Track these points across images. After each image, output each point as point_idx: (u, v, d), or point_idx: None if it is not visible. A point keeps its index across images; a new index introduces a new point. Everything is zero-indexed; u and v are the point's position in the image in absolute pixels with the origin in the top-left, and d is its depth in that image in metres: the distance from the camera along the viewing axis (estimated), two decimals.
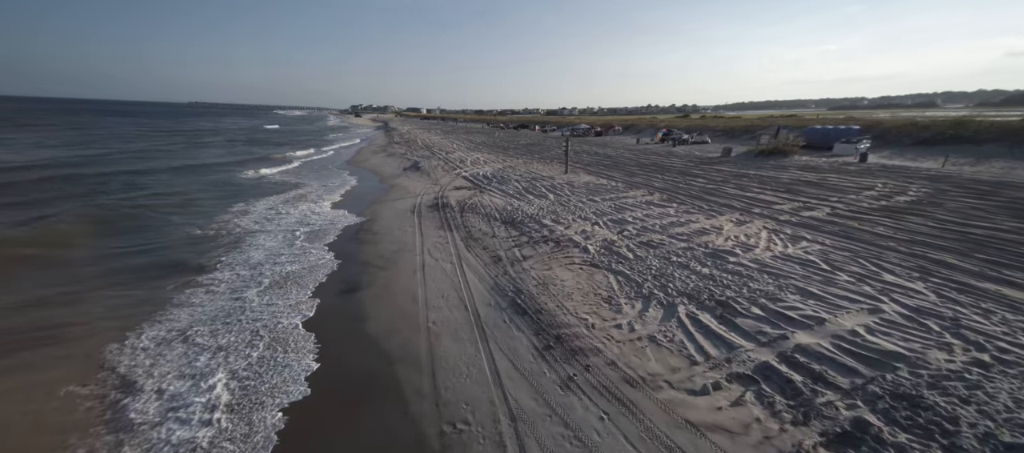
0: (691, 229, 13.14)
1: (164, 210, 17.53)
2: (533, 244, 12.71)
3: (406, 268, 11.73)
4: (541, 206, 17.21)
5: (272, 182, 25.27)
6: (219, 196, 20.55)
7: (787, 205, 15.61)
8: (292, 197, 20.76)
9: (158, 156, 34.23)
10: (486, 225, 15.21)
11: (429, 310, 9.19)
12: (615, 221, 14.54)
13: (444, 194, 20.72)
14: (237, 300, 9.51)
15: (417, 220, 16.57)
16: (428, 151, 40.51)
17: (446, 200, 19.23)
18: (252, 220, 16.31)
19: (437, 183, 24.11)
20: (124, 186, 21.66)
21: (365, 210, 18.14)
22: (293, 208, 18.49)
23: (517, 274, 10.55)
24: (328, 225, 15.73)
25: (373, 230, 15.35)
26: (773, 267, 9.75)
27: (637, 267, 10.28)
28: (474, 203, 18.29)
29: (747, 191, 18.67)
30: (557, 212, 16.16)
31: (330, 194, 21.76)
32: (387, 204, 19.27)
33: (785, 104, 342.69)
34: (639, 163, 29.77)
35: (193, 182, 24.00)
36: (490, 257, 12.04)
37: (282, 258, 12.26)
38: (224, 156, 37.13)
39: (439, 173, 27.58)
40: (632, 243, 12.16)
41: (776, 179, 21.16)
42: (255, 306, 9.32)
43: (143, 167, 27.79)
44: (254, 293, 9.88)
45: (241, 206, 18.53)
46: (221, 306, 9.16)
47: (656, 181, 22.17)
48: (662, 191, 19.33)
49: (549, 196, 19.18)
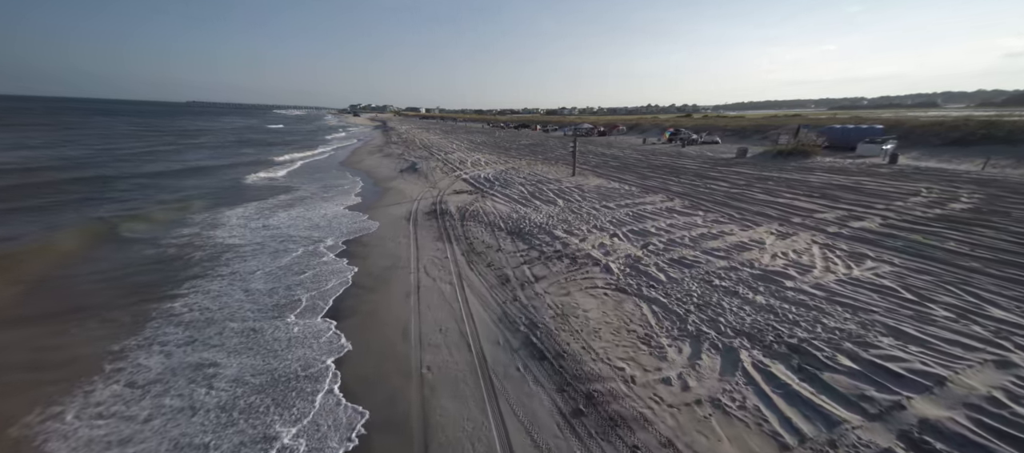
0: (727, 243, 11.39)
1: (136, 220, 15.76)
2: (545, 261, 10.96)
3: (398, 289, 9.98)
4: (550, 214, 15.46)
5: (257, 186, 23.49)
6: (200, 201, 18.76)
7: (829, 214, 13.88)
8: (275, 204, 18.98)
9: (146, 159, 32.46)
10: (490, 236, 13.47)
11: (423, 349, 7.44)
12: (636, 232, 12.79)
13: (443, 199, 18.97)
14: (192, 348, 7.75)
15: (412, 229, 14.82)
16: (426, 152, 38.75)
17: (445, 206, 17.48)
18: (228, 232, 14.53)
19: (435, 187, 22.36)
20: (93, 192, 19.87)
21: (355, 217, 16.38)
22: (275, 217, 16.71)
23: (529, 300, 8.80)
24: (312, 236, 13.96)
25: (363, 241, 13.59)
26: (844, 296, 8.00)
27: (674, 293, 8.54)
28: (476, 210, 16.54)
29: (777, 196, 16.93)
30: (569, 221, 14.42)
31: (319, 199, 19.99)
32: (380, 210, 17.51)
33: (785, 104, 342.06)
34: (650, 164, 28.03)
35: (178, 186, 22.23)
36: (496, 277, 10.29)
37: (256, 277, 10.49)
38: (210, 159, 35.38)
39: (438, 175, 25.82)
40: (661, 260, 10.41)
41: (805, 182, 19.42)
42: (214, 343, 7.57)
43: (131, 171, 26.02)
44: (212, 336, 8.12)
45: (211, 217, 16.74)
46: (169, 366, 7.37)
47: (673, 184, 20.42)
48: (682, 196, 17.59)
49: (558, 202, 17.43)
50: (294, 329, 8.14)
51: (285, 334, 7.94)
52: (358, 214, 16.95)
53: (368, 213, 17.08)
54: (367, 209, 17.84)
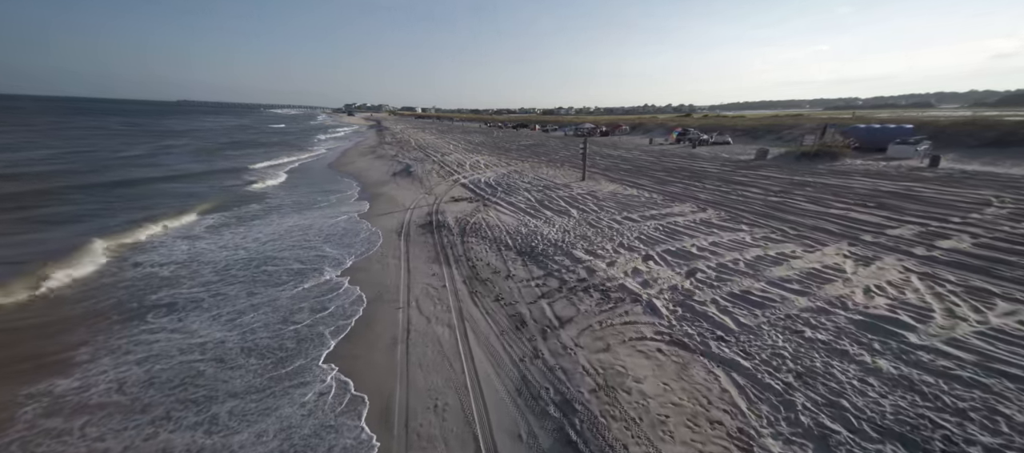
0: (796, 270, 9.13)
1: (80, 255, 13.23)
2: (569, 293, 8.65)
3: (381, 336, 7.63)
4: (565, 228, 13.16)
5: (234, 193, 20.96)
6: (164, 209, 16.21)
7: (902, 230, 11.67)
8: (244, 216, 16.51)
9: (118, 165, 29.83)
10: (496, 257, 11.14)
11: (409, 448, 5.11)
12: (675, 253, 10.51)
13: (439, 208, 16.61)
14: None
15: (404, 246, 12.46)
16: (422, 152, 36.32)
17: (442, 217, 15.12)
18: (181, 252, 12.08)
19: (431, 192, 19.99)
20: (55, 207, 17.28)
21: (337, 231, 13.97)
22: (238, 233, 14.26)
23: (557, 358, 6.48)
24: (280, 257, 11.54)
25: (342, 263, 11.21)
26: (1012, 363, 5.74)
27: (756, 350, 6.26)
28: (478, 222, 14.20)
29: (826, 205, 14.73)
30: (589, 236, 12.12)
31: (297, 208, 17.54)
32: (367, 221, 15.11)
33: (780, 104, 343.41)
34: (664, 167, 25.81)
35: (145, 198, 19.73)
36: (508, 317, 7.97)
37: (198, 321, 8.07)
38: (187, 163, 32.84)
39: (434, 179, 23.45)
40: (719, 295, 8.13)
41: (848, 188, 17.26)
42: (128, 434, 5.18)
43: (99, 180, 23.45)
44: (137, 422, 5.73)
45: (164, 234, 14.25)
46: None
47: (698, 191, 18.19)
48: (715, 206, 15.34)
49: (571, 212, 15.13)
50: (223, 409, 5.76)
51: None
52: (340, 228, 14.56)
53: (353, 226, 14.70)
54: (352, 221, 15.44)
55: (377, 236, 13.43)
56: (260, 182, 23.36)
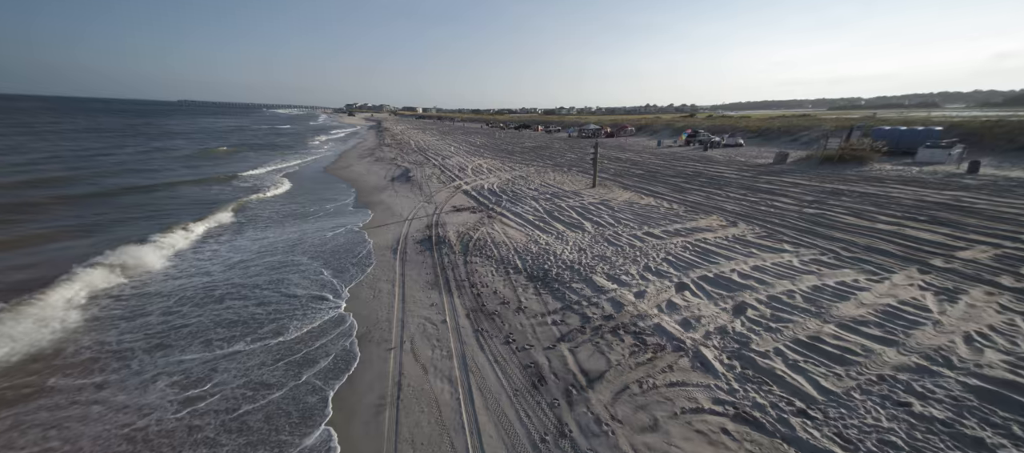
0: (867, 305, 7.61)
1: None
2: (595, 336, 7.15)
3: (365, 395, 6.15)
4: (580, 245, 11.65)
5: (223, 202, 19.50)
6: (123, 226, 14.76)
7: (974, 252, 10.13)
8: (221, 230, 15.04)
9: (97, 171, 28.42)
10: (504, 282, 9.65)
11: None
12: (714, 281, 8.99)
13: (440, 219, 15.12)
14: None
15: (399, 267, 10.97)
16: (421, 155, 34.84)
17: (442, 230, 13.63)
18: (119, 284, 10.61)
19: (431, 200, 18.51)
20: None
21: (326, 249, 12.48)
22: (209, 251, 12.79)
23: (590, 440, 4.99)
24: (254, 283, 10.04)
25: (326, 290, 9.71)
26: None
27: (853, 433, 4.75)
28: (482, 238, 12.71)
29: (871, 218, 13.18)
30: (609, 257, 10.61)
31: (283, 220, 16.05)
32: (360, 235, 13.62)
33: (783, 104, 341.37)
34: (679, 172, 24.29)
35: (113, 210, 18.30)
36: (522, 369, 6.48)
37: (147, 365, 6.58)
38: (179, 169, 31.44)
39: (434, 185, 21.96)
40: (780, 341, 6.62)
41: (888, 198, 15.69)
42: None
43: (75, 192, 22.01)
44: None
45: (129, 251, 12.76)
46: None
47: (721, 200, 16.67)
48: (746, 219, 13.81)
49: (585, 226, 13.63)
50: None
51: None
52: (328, 244, 13.07)
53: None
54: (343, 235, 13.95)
55: (369, 255, 11.94)
56: (251, 192, 21.89)
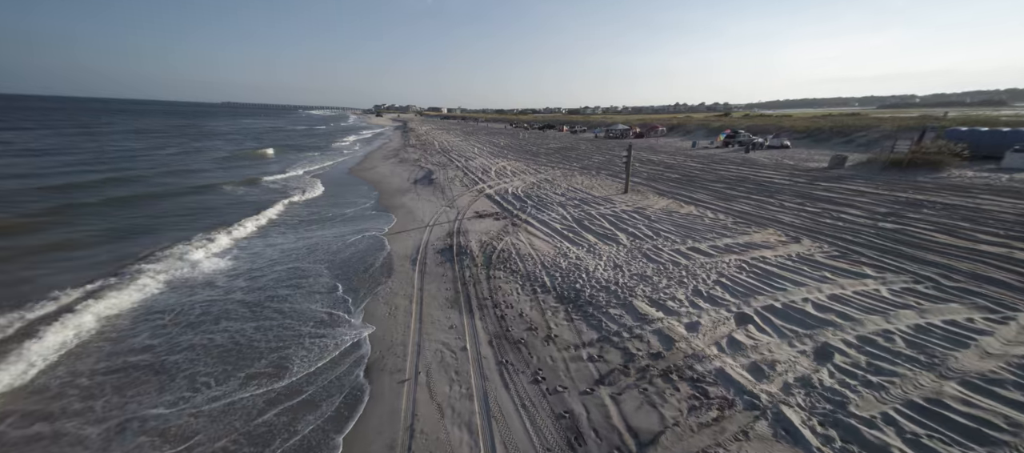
0: (996, 355, 6.09)
1: None
2: (641, 380, 6.04)
3: (373, 441, 5.32)
4: (616, 260, 10.49)
5: (233, 204, 19.53)
6: (125, 225, 14.81)
7: None
8: (236, 239, 14.80)
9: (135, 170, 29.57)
10: (531, 303, 8.67)
11: None
12: (783, 313, 7.62)
13: (462, 226, 14.32)
14: None
15: (417, 280, 10.21)
16: (445, 157, 34.38)
17: (464, 238, 12.80)
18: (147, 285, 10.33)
19: (453, 205, 17.78)
20: None
21: (342, 257, 11.91)
22: (222, 261, 12.47)
23: None
24: (258, 300, 9.53)
25: (340, 308, 9.06)
26: None
27: None
28: (506, 249, 11.77)
29: (968, 237, 11.22)
30: (650, 277, 9.40)
31: (303, 224, 15.72)
32: (379, 242, 13.01)
33: (826, 102, 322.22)
34: (720, 177, 22.47)
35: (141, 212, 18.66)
36: (555, 420, 5.47)
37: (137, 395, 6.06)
38: (211, 169, 32.32)
39: (456, 188, 21.26)
40: (890, 403, 5.26)
41: (980, 211, 13.50)
42: None
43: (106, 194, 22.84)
44: None
45: (114, 253, 12.62)
46: None
47: (775, 210, 14.97)
48: (811, 234, 12.17)
49: (620, 237, 12.42)
50: None
51: None
52: (346, 251, 12.51)
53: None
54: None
55: (388, 265, 11.25)
56: (277, 196, 21.94)
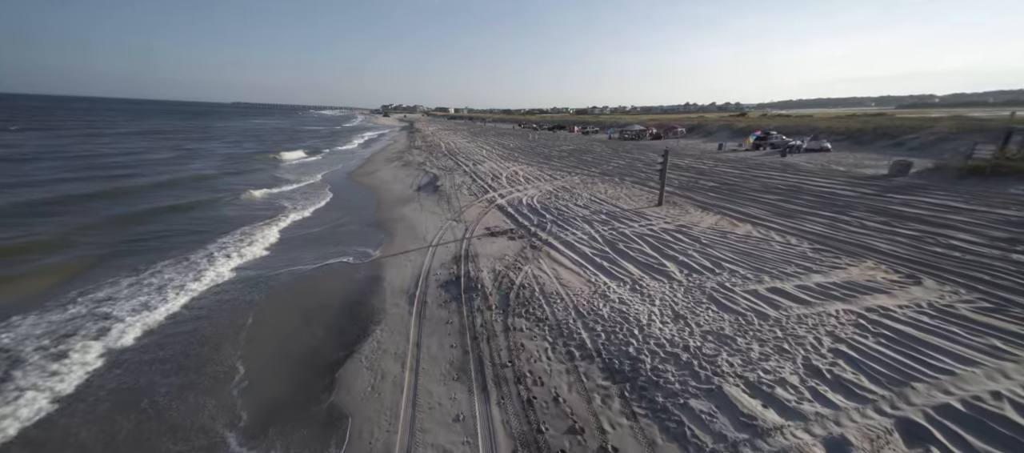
0: None
1: None
2: None
3: None
4: (673, 306, 7.96)
5: (216, 219, 17.33)
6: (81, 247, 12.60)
7: None
8: (195, 263, 12.51)
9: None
10: (568, 378, 6.19)
11: None
12: (976, 425, 5.04)
13: (471, 247, 11.88)
14: None
15: (413, 330, 7.79)
16: (452, 160, 32.02)
17: (474, 265, 10.35)
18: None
19: (460, 218, 15.38)
20: None
21: (319, 292, 9.53)
22: (176, 299, 10.15)
23: None
24: (192, 361, 7.18)
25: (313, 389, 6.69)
26: None
27: None
28: (527, 283, 9.29)
29: None
30: (729, 337, 6.86)
31: (287, 247, 13.37)
32: (372, 269, 10.62)
33: (841, 102, 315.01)
34: (766, 185, 19.74)
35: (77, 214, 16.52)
36: None
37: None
38: (208, 171, 30.38)
39: (464, 198, 18.87)
40: None
41: None
42: None
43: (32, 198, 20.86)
44: None
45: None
46: None
47: (854, 230, 12.29)
48: (928, 271, 9.49)
49: (669, 268, 9.87)
50: None
51: None
52: (328, 280, 10.13)
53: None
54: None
55: (380, 307, 8.86)
56: (261, 212, 19.75)
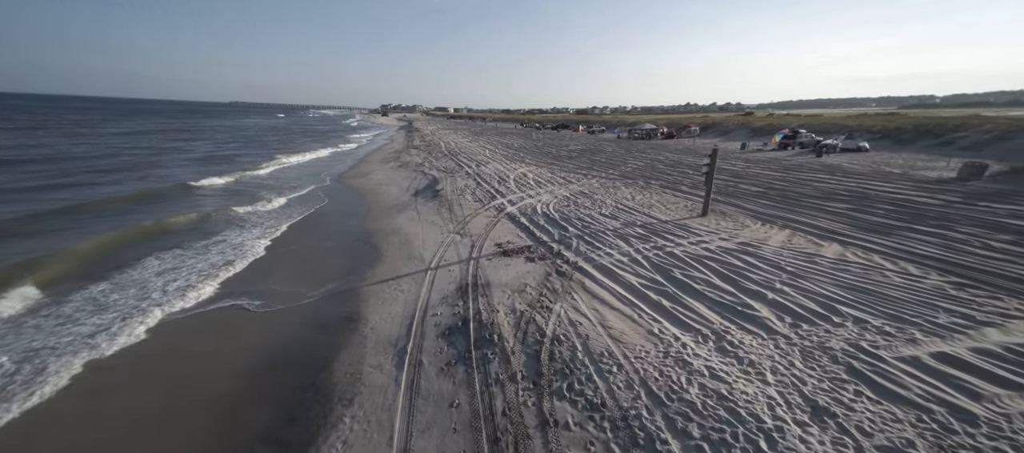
0: None
1: None
2: None
3: None
4: (801, 390, 5.24)
5: (169, 231, 14.53)
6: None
7: None
8: (141, 294, 9.74)
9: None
10: None
11: None
12: None
13: (480, 272, 9.14)
14: None
15: (401, 415, 5.02)
16: (452, 160, 29.31)
17: (486, 301, 7.60)
18: None
19: (465, 230, 12.68)
20: None
21: (280, 335, 6.82)
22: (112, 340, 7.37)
23: None
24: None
25: None
26: None
27: None
28: (563, 337, 6.54)
29: None
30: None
31: (254, 276, 10.59)
32: (353, 302, 7.88)
33: (842, 102, 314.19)
34: (821, 191, 17.08)
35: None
36: None
37: None
38: (185, 172, 27.62)
39: (468, 204, 16.18)
40: None
41: None
42: None
43: None
44: None
45: None
46: None
47: (985, 255, 9.64)
48: None
49: (762, 315, 7.16)
50: None
51: None
52: (291, 322, 7.38)
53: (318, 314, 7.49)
54: (323, 297, 8.22)
55: (355, 370, 6.14)
56: (239, 220, 16.96)
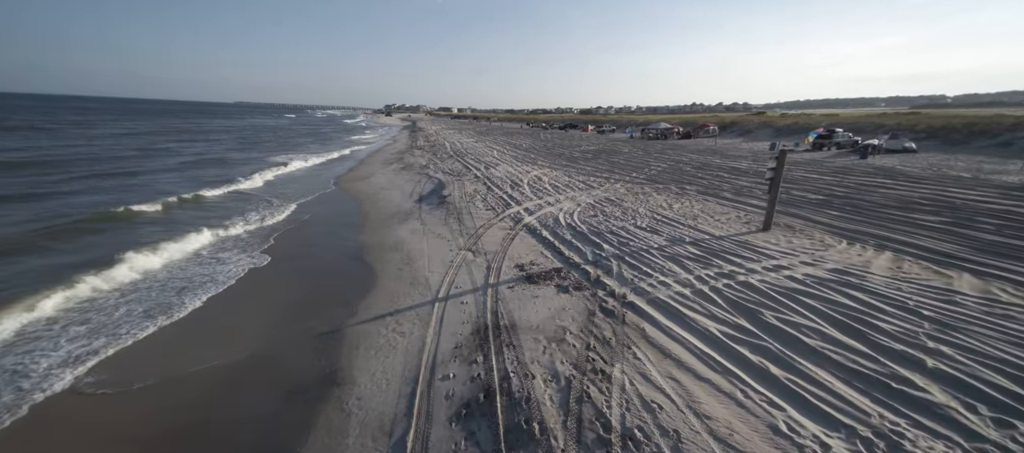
0: None
1: None
2: None
3: None
4: None
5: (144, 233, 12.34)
6: None
7: None
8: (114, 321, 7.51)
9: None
10: None
11: None
12: None
13: (501, 310, 6.87)
14: None
15: None
16: (459, 162, 27.12)
17: (514, 358, 5.31)
18: None
19: (478, 247, 10.43)
20: None
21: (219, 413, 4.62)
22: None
23: None
24: None
25: None
26: None
27: None
28: (639, 429, 4.27)
29: None
30: None
31: (224, 308, 8.40)
32: (334, 352, 5.66)
33: (850, 102, 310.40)
34: (892, 197, 14.75)
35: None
36: None
37: None
38: (164, 186, 25.55)
39: (479, 212, 13.97)
40: None
41: None
42: None
43: None
44: None
45: None
46: None
47: None
48: None
49: (934, 397, 4.85)
50: None
51: None
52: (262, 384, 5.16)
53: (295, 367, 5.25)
54: (300, 342, 6.00)
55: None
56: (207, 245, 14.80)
